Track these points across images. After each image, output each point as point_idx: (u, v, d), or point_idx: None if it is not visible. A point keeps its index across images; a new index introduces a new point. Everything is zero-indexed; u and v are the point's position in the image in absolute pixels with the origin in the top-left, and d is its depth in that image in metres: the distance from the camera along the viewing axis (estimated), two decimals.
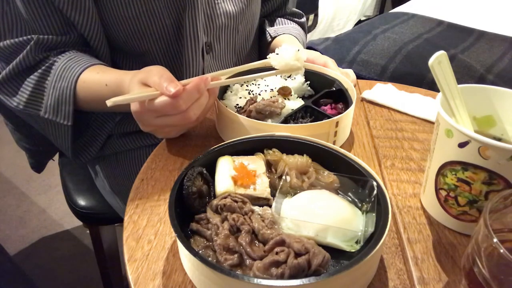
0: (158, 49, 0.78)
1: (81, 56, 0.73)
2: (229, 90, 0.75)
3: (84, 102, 0.71)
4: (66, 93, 0.69)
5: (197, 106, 0.58)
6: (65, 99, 0.69)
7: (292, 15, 1.05)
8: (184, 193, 0.48)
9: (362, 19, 3.00)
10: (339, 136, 0.66)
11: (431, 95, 0.83)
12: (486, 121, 0.56)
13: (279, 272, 0.41)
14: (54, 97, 0.70)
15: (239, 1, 0.85)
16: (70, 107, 0.70)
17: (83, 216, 0.98)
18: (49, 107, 0.71)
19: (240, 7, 0.85)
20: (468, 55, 1.37)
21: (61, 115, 0.71)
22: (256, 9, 0.92)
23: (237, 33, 0.88)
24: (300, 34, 1.00)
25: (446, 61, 0.48)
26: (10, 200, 1.81)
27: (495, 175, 0.45)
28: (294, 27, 1.00)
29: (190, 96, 0.57)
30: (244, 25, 0.89)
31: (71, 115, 0.71)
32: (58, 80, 0.70)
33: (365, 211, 0.50)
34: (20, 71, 0.72)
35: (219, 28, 0.84)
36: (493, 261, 0.34)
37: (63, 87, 0.69)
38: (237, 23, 0.86)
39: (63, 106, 0.70)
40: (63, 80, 0.70)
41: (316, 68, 0.78)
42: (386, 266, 0.48)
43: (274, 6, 1.02)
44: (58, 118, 0.71)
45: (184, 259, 0.45)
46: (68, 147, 0.77)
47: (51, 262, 1.52)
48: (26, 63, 0.71)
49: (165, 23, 0.76)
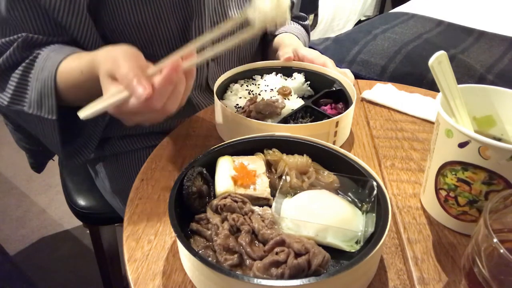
0: (163, 54, 0.78)
1: (65, 46, 0.69)
2: (229, 90, 0.75)
3: (67, 93, 0.67)
4: (48, 84, 0.65)
5: (173, 98, 0.54)
6: (47, 91, 0.65)
7: (296, 18, 1.05)
8: (184, 193, 0.48)
9: (362, 19, 3.00)
10: (339, 136, 0.66)
11: (431, 95, 0.83)
12: (486, 121, 0.56)
13: (279, 272, 0.41)
14: (37, 90, 0.66)
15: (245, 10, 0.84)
16: (53, 100, 0.65)
17: (83, 216, 0.98)
18: (33, 101, 0.67)
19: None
20: (468, 55, 1.37)
21: (45, 108, 0.66)
22: None
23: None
24: (302, 34, 1.00)
25: (446, 61, 0.48)
26: (10, 200, 1.81)
27: (495, 175, 0.45)
28: (296, 27, 1.00)
29: (162, 93, 0.52)
30: None
31: (55, 109, 0.66)
32: (41, 71, 0.66)
33: (365, 211, 0.50)
34: (6, 69, 0.69)
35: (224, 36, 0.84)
36: (493, 261, 0.34)
37: (45, 78, 0.65)
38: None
39: (46, 99, 0.66)
40: (44, 71, 0.66)
41: (316, 68, 0.78)
42: (386, 266, 0.48)
43: None
44: (42, 113, 0.67)
45: (184, 259, 0.45)
46: (58, 146, 0.73)
47: (51, 262, 1.52)
48: (12, 60, 0.68)
49: (172, 30, 0.76)
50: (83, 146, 0.81)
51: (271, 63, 0.81)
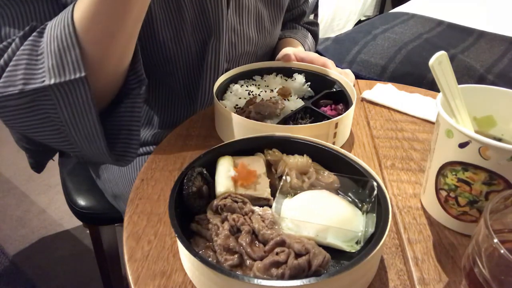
0: (180, 72, 0.79)
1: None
2: (229, 91, 0.75)
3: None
4: (65, 33, 0.52)
5: None
6: (67, 40, 0.52)
7: (307, 24, 1.06)
8: (184, 193, 0.48)
9: (362, 19, 3.00)
10: (338, 137, 0.66)
11: (431, 95, 0.83)
12: (486, 121, 0.56)
13: (279, 272, 0.40)
14: (54, 51, 0.52)
15: (263, 29, 0.85)
16: (76, 50, 0.52)
17: (83, 216, 0.98)
18: (51, 68, 0.52)
19: (264, 35, 0.86)
20: (468, 55, 1.37)
21: (69, 67, 0.52)
22: (278, 33, 0.93)
23: (256, 57, 0.89)
24: (307, 41, 1.00)
25: (447, 61, 0.48)
26: (10, 200, 1.81)
27: (496, 175, 0.45)
28: (303, 33, 1.01)
29: None
30: (264, 50, 0.90)
31: (80, 61, 0.52)
32: (54, 29, 0.53)
33: (365, 211, 0.50)
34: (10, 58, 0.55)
35: (240, 55, 0.84)
36: (493, 261, 0.34)
37: (60, 30, 0.52)
38: (257, 48, 0.87)
39: (67, 52, 0.52)
40: (57, 27, 0.53)
41: (316, 69, 0.78)
42: (386, 267, 0.48)
43: (291, 17, 1.03)
44: (66, 75, 0.52)
45: (184, 259, 0.45)
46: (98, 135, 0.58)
47: (51, 262, 1.52)
48: (18, 47, 0.55)
49: (191, 50, 0.76)
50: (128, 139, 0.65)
51: (271, 63, 0.81)
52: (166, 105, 0.84)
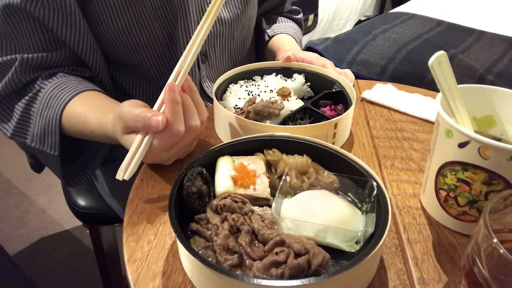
0: (151, 60, 0.78)
1: (68, 81, 0.69)
2: (228, 91, 0.75)
3: (72, 134, 0.69)
4: (52, 124, 0.66)
5: (190, 113, 0.55)
6: (51, 129, 0.67)
7: (290, 13, 1.05)
8: (184, 193, 0.48)
9: (362, 19, 3.00)
10: (338, 137, 0.66)
11: (431, 95, 0.83)
12: (486, 121, 0.56)
13: (279, 272, 0.41)
14: (40, 126, 0.68)
15: (234, 7, 0.83)
16: (56, 137, 0.67)
17: (83, 216, 0.98)
18: (35, 136, 0.69)
19: (235, 13, 0.83)
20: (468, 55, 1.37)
21: (48, 144, 0.69)
22: (252, 14, 0.91)
23: (233, 39, 0.87)
24: (297, 33, 1.00)
25: (446, 61, 0.48)
26: (10, 200, 1.81)
27: (495, 175, 0.45)
28: (291, 26, 1.00)
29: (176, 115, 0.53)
30: (240, 31, 0.87)
31: (57, 145, 0.68)
32: (45, 109, 0.67)
33: (365, 211, 0.50)
34: (6, 95, 0.69)
35: (213, 36, 0.82)
36: (493, 261, 0.34)
37: (49, 117, 0.67)
38: (232, 29, 0.85)
39: (50, 136, 0.68)
40: (49, 109, 0.67)
41: (316, 69, 0.78)
42: (386, 267, 0.48)
43: (271, 5, 1.01)
44: (45, 148, 0.69)
45: (184, 259, 0.45)
46: (59, 173, 0.75)
47: (51, 262, 1.52)
48: (12, 86, 0.68)
49: (157, 34, 0.75)
50: (85, 166, 0.80)
51: (271, 63, 0.80)
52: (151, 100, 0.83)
